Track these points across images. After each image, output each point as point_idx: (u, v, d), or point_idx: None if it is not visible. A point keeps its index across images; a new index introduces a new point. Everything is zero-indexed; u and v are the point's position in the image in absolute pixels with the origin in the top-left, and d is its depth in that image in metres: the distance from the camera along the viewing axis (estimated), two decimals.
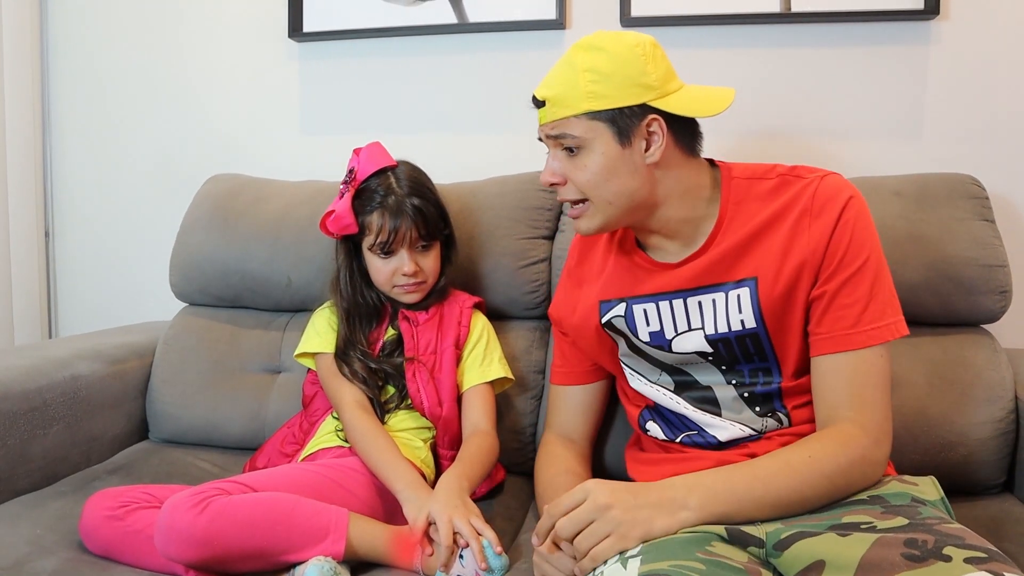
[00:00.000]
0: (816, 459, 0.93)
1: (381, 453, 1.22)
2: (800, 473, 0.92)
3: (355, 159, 1.37)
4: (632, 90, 1.00)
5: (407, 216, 1.30)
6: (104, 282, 2.10)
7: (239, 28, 1.94)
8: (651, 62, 1.01)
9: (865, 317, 0.98)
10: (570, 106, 1.01)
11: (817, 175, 1.03)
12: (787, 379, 1.05)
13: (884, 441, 0.97)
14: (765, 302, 1.02)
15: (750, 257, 1.03)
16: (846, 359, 0.98)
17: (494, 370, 1.37)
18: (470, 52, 1.81)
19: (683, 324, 1.08)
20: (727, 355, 1.06)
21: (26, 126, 1.99)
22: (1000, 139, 1.58)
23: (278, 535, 1.03)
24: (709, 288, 1.05)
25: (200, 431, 1.58)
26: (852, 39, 1.62)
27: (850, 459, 0.94)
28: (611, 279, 1.15)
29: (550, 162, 1.06)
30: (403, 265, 1.32)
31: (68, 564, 1.07)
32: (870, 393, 0.98)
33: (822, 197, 1.01)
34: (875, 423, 0.97)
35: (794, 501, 0.92)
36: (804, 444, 0.96)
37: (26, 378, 1.36)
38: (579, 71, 1.00)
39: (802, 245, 1.00)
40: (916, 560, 0.77)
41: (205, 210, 1.68)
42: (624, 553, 0.88)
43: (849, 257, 0.99)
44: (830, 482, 0.93)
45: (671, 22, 1.67)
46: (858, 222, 1.00)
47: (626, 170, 1.01)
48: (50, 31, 2.06)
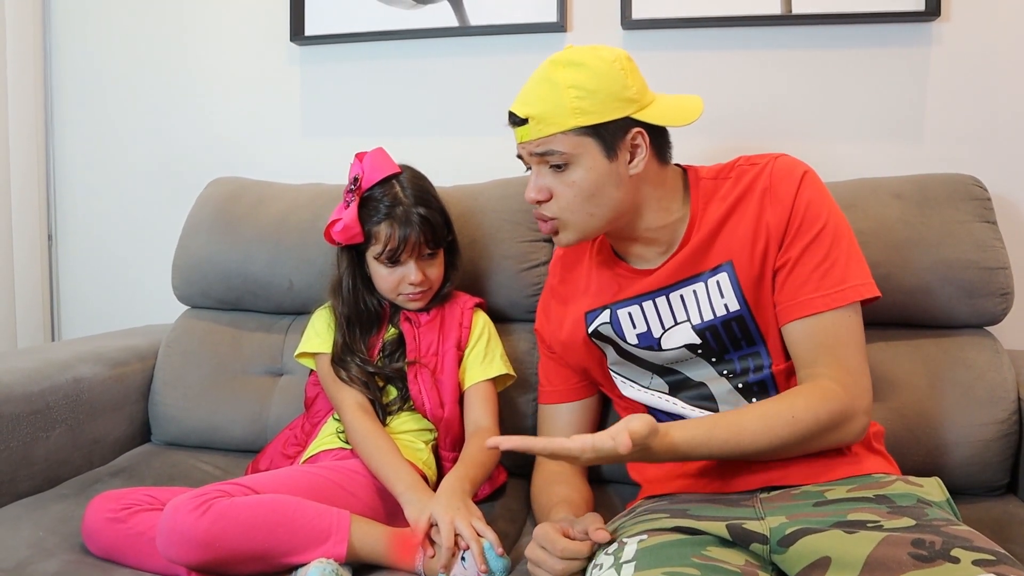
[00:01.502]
0: (798, 419, 0.95)
1: (382, 455, 1.22)
2: (778, 433, 0.95)
3: (358, 166, 1.36)
4: (616, 104, 1.02)
5: (415, 226, 1.29)
6: (106, 285, 2.10)
7: (241, 32, 1.94)
8: (630, 75, 1.04)
9: (825, 281, 1.01)
10: (556, 123, 1.01)
11: (771, 157, 1.09)
12: (777, 362, 1.06)
13: (862, 396, 1.00)
14: (745, 282, 1.05)
15: (722, 244, 1.07)
16: (815, 322, 1.01)
17: (496, 367, 1.37)
18: (471, 55, 1.81)
19: (669, 320, 1.09)
20: (716, 345, 1.08)
21: (29, 129, 2.00)
22: (1001, 140, 1.58)
23: (280, 537, 1.03)
24: (688, 280, 1.08)
25: (202, 433, 1.58)
26: (853, 40, 1.62)
27: (832, 416, 0.96)
28: (595, 291, 1.17)
29: (535, 179, 1.07)
30: (409, 274, 1.32)
31: (70, 566, 1.07)
32: (843, 351, 1.00)
33: (779, 175, 1.06)
34: (851, 379, 0.99)
35: (770, 456, 0.98)
36: (786, 399, 0.98)
37: (28, 381, 1.36)
38: (562, 88, 1.01)
39: (766, 221, 1.05)
40: (923, 560, 0.77)
41: (207, 213, 1.68)
42: (618, 559, 0.88)
43: (806, 224, 1.03)
44: (808, 438, 0.96)
45: (672, 24, 1.67)
46: (814, 192, 1.05)
47: (612, 183, 1.04)
48: (53, 35, 2.07)
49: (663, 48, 1.69)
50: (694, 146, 1.46)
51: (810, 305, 1.01)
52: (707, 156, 1.28)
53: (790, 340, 1.04)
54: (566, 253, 1.25)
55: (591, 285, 1.18)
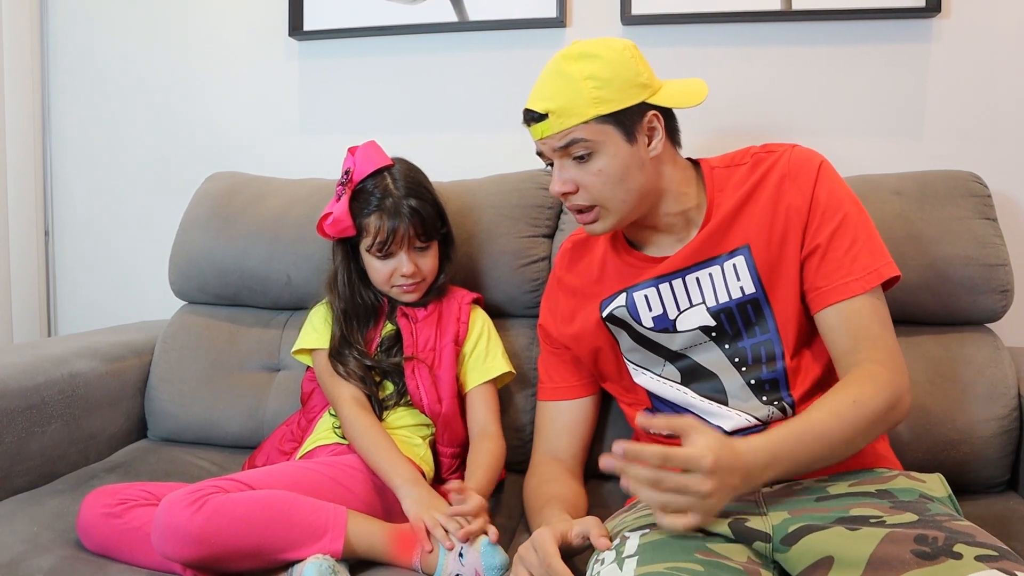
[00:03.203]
0: (860, 403, 0.94)
1: (379, 450, 1.21)
2: (848, 421, 0.93)
3: (350, 159, 1.36)
4: (631, 91, 1.04)
5: (404, 218, 1.29)
6: (103, 280, 2.10)
7: (239, 26, 1.94)
8: (640, 63, 1.07)
9: (858, 264, 1.03)
10: (577, 114, 1.03)
11: (787, 146, 1.11)
12: (790, 355, 1.06)
13: (903, 371, 1.00)
14: (761, 266, 1.06)
15: (739, 227, 1.08)
16: (850, 306, 1.02)
17: (497, 366, 1.37)
18: (470, 50, 1.80)
19: (684, 302, 1.10)
20: (730, 329, 1.08)
21: (26, 124, 1.99)
22: (1002, 136, 1.58)
23: (275, 533, 1.03)
24: (705, 263, 1.09)
25: (198, 429, 1.58)
26: (853, 37, 1.62)
27: (888, 399, 0.96)
28: (609, 279, 1.17)
29: (559, 173, 1.08)
30: (401, 266, 1.32)
31: (65, 562, 1.06)
32: (878, 331, 1.02)
33: (797, 162, 1.08)
34: (892, 358, 1.00)
35: (844, 450, 0.95)
36: (845, 390, 0.97)
37: (24, 376, 1.36)
38: (579, 80, 1.03)
39: (786, 206, 1.06)
40: (926, 557, 0.77)
41: (204, 208, 1.68)
42: (621, 553, 0.88)
43: (831, 210, 1.05)
44: (871, 424, 0.95)
45: (671, 20, 1.67)
46: (834, 179, 1.08)
47: (636, 166, 1.06)
48: (50, 29, 2.06)
49: (662, 44, 1.69)
50: (694, 140, 1.45)
51: (846, 289, 1.02)
52: (706, 150, 1.28)
53: (825, 324, 1.04)
54: (576, 244, 1.26)
55: (606, 274, 1.18)
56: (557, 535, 0.95)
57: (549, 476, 1.20)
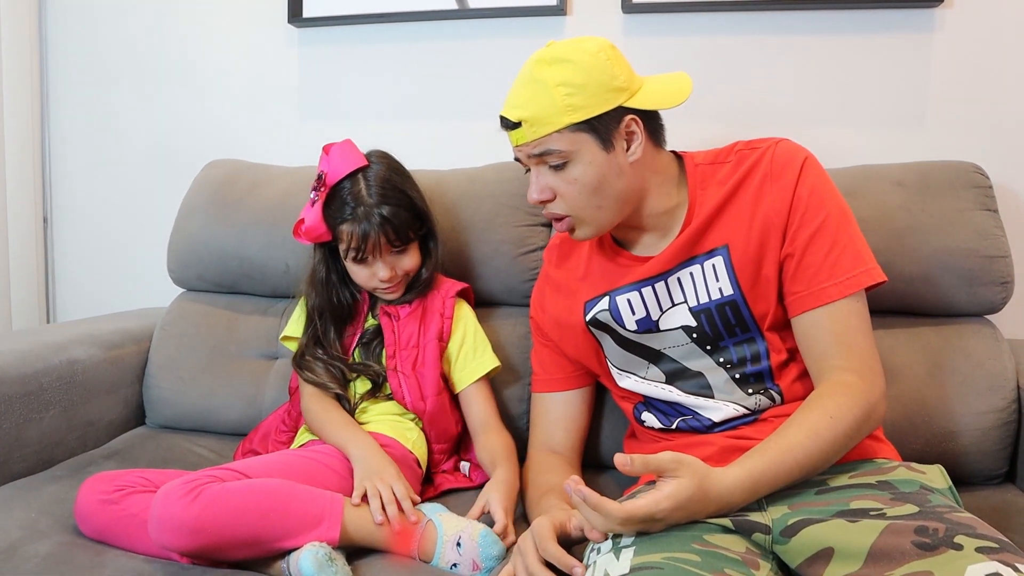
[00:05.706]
0: (836, 418, 0.93)
1: (337, 427, 1.24)
2: (825, 439, 0.92)
3: (325, 161, 1.33)
4: (606, 95, 1.01)
5: (375, 227, 1.27)
6: (102, 268, 2.09)
7: (238, 13, 1.92)
8: (616, 64, 1.03)
9: (838, 269, 1.01)
10: (550, 123, 1.01)
11: (771, 142, 1.07)
12: (775, 352, 1.06)
13: (878, 381, 0.99)
14: (739, 267, 1.04)
15: (719, 227, 1.06)
16: (826, 312, 1.00)
17: (487, 362, 1.37)
18: (471, 38, 1.79)
19: (667, 302, 1.09)
20: (711, 330, 1.07)
21: (24, 112, 1.98)
22: (1004, 128, 1.57)
23: (272, 522, 1.03)
24: (685, 264, 1.08)
25: (197, 416, 1.58)
26: (855, 26, 1.61)
27: (863, 410, 0.95)
28: (593, 279, 1.16)
29: (536, 180, 1.06)
30: (378, 271, 1.31)
31: (62, 548, 1.07)
32: (854, 338, 1.00)
33: (779, 160, 1.05)
34: (866, 366, 0.99)
35: (823, 466, 0.94)
36: (821, 405, 0.95)
37: (22, 362, 1.36)
38: (551, 87, 1.00)
39: (766, 207, 1.04)
40: (927, 549, 0.76)
41: (203, 196, 1.67)
42: (617, 543, 0.88)
43: (812, 212, 1.02)
44: (848, 439, 0.94)
45: (672, 8, 1.65)
46: (816, 179, 1.04)
47: (613, 174, 1.03)
48: (48, 16, 2.05)
49: (664, 32, 1.68)
50: (692, 132, 1.45)
51: (824, 294, 1.00)
52: (706, 141, 1.27)
53: (800, 329, 1.03)
54: (564, 240, 1.24)
55: (590, 273, 1.17)
56: (556, 524, 0.95)
57: (546, 467, 1.20)
